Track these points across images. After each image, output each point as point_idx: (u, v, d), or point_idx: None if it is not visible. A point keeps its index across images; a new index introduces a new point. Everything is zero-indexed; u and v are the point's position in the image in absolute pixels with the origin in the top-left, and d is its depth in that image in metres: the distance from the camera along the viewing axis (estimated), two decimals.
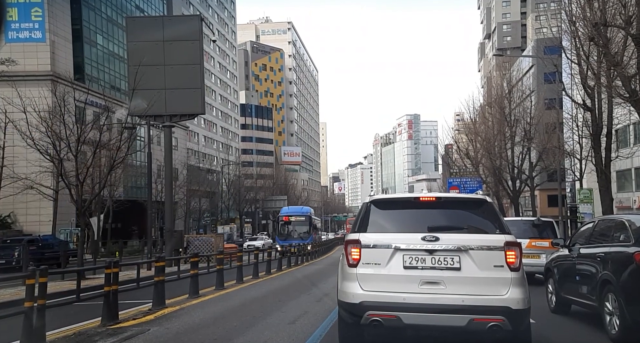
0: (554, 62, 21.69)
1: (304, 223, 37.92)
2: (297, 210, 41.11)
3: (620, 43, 14.94)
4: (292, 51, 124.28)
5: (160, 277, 9.95)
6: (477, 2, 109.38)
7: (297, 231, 37.05)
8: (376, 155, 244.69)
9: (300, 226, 37.54)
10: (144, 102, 21.30)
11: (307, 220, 38.42)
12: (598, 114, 18.62)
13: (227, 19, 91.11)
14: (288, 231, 37.44)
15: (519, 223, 13.90)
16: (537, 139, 32.00)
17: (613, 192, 21.91)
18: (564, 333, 7.67)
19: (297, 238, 34.96)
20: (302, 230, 37.32)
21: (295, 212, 39.71)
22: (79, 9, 44.69)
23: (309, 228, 37.76)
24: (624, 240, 6.96)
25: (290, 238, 35.19)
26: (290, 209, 41.39)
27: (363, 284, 5.39)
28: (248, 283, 15.06)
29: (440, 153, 63.37)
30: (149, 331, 7.58)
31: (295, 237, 35.78)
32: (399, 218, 5.80)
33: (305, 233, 36.96)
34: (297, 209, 41.74)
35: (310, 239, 35.49)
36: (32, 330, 6.46)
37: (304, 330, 7.46)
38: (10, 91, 23.86)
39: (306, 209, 42.08)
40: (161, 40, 24.29)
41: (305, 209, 41.42)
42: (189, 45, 24.74)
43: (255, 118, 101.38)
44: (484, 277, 5.22)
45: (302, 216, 38.62)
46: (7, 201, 30.81)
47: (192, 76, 24.49)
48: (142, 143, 35.79)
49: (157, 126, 32.77)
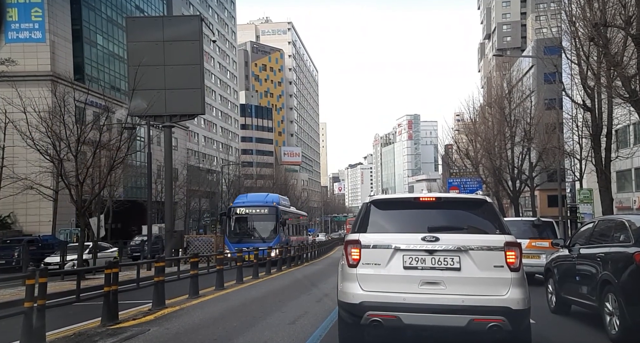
0: (554, 63, 21.69)
1: (267, 218, 26.47)
2: (256, 199, 29.00)
3: (620, 43, 14.94)
4: (292, 51, 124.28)
5: (160, 277, 9.95)
6: (477, 2, 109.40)
7: (257, 230, 26.33)
8: (376, 155, 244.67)
9: (261, 223, 26.50)
10: (144, 102, 21.31)
11: (271, 213, 26.65)
12: (598, 115, 18.62)
13: (227, 19, 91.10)
14: (243, 229, 26.71)
15: (519, 223, 13.90)
16: (537, 139, 32.00)
17: (613, 192, 21.90)
18: (564, 334, 7.67)
19: (257, 240, 24.77)
20: (265, 228, 26.28)
21: (253, 202, 28.02)
22: (79, 9, 44.67)
23: (275, 226, 26.31)
24: (624, 240, 6.96)
25: (246, 240, 25.17)
26: (248, 199, 29.50)
27: (363, 284, 5.39)
28: (248, 283, 15.06)
29: (440, 153, 63.40)
30: (149, 331, 7.58)
31: (253, 239, 25.55)
32: (399, 219, 5.80)
33: (269, 232, 26.06)
34: (257, 199, 29.42)
35: (276, 241, 25.09)
36: (32, 330, 6.46)
37: (304, 330, 7.46)
38: (10, 91, 23.86)
39: (273, 197, 29.83)
40: (161, 41, 24.32)
41: (271, 199, 29.13)
42: (189, 45, 24.77)
43: (255, 118, 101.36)
44: (484, 277, 5.22)
45: (264, 208, 26.99)
46: (7, 201, 30.80)
47: (192, 76, 24.51)
48: (142, 143, 35.76)
49: (157, 126, 32.77)
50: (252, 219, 26.74)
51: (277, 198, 29.81)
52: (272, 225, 26.28)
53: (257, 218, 26.62)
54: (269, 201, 27.97)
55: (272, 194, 32.42)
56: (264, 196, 30.40)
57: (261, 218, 26.54)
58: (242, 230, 26.65)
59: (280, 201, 29.55)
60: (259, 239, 25.12)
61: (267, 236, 25.57)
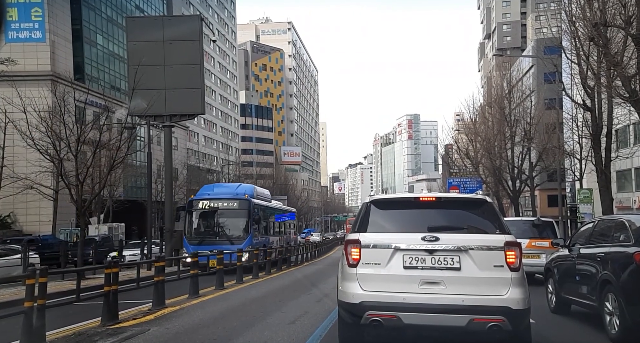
0: (554, 62, 21.69)
1: (237, 214, 21.35)
2: (224, 191, 23.39)
3: (620, 43, 14.95)
4: (292, 51, 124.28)
5: (160, 277, 9.95)
6: (477, 2, 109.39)
7: (223, 229, 21.30)
8: (376, 155, 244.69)
9: (230, 220, 21.38)
10: (144, 102, 21.31)
11: (242, 208, 21.44)
12: (598, 114, 18.63)
13: (227, 19, 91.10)
14: (206, 228, 21.61)
15: (519, 223, 13.90)
16: (537, 139, 32.01)
17: (613, 192, 21.90)
18: (564, 333, 7.68)
19: (223, 242, 20.17)
20: (233, 226, 21.27)
21: (220, 194, 22.52)
22: (79, 9, 44.68)
23: (247, 223, 21.20)
24: (624, 240, 6.96)
25: (209, 241, 20.37)
26: (215, 190, 23.70)
27: (363, 284, 5.39)
28: (248, 283, 15.07)
29: (440, 153, 63.38)
30: (149, 331, 7.58)
31: (218, 239, 20.67)
32: (399, 218, 5.80)
33: (239, 231, 21.15)
34: (226, 190, 23.78)
35: (247, 242, 20.46)
36: (32, 330, 6.46)
37: (304, 330, 7.46)
38: (10, 91, 23.88)
39: (245, 189, 23.95)
40: (161, 40, 24.31)
41: (243, 190, 23.29)
42: (189, 45, 24.76)
43: (255, 118, 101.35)
44: (484, 277, 5.22)
45: (233, 201, 21.60)
46: (7, 201, 30.81)
47: (192, 76, 24.50)
48: (142, 143, 35.77)
49: (157, 126, 32.75)
50: (217, 215, 21.20)
51: (251, 190, 23.82)
52: (243, 222, 21.02)
53: (224, 214, 21.18)
54: (240, 193, 22.15)
55: (245, 185, 26.48)
56: (234, 187, 24.32)
57: (229, 214, 21.17)
58: (204, 228, 21.36)
59: (256, 194, 23.85)
60: (225, 240, 20.28)
61: (237, 236, 20.64)
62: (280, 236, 27.27)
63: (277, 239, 26.04)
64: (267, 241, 23.46)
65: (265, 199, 25.50)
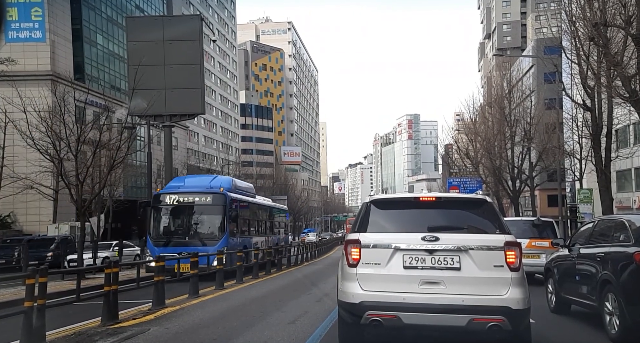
0: (554, 62, 21.69)
1: (210, 210, 18.08)
2: (196, 184, 19.64)
3: (620, 43, 14.94)
4: (292, 50, 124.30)
5: (160, 277, 9.95)
6: (477, 2, 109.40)
7: (194, 228, 18.09)
8: (376, 155, 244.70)
9: (201, 218, 18.17)
10: (144, 102, 21.33)
11: (216, 203, 17.99)
12: (598, 114, 18.63)
13: (227, 19, 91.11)
14: (173, 227, 18.34)
15: (519, 223, 13.90)
16: (537, 139, 32.00)
17: (613, 192, 21.90)
18: (564, 333, 7.68)
19: (193, 242, 17.27)
20: (206, 224, 18.16)
21: (190, 188, 18.92)
22: (79, 8, 44.69)
23: (222, 221, 17.76)
24: (624, 240, 6.96)
25: (176, 243, 17.37)
26: (186, 183, 19.85)
27: (363, 284, 5.39)
28: (248, 283, 15.06)
29: (440, 153, 63.38)
30: (149, 331, 7.58)
31: (187, 240, 17.54)
32: (399, 218, 5.80)
33: (212, 231, 17.89)
34: (198, 183, 19.92)
35: (222, 243, 17.13)
36: (32, 330, 6.46)
37: (304, 330, 7.46)
38: (10, 91, 23.88)
39: (222, 181, 19.87)
40: (161, 40, 24.37)
41: (218, 183, 19.34)
42: (189, 45, 24.82)
43: (255, 118, 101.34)
44: (484, 277, 5.22)
45: (205, 196, 18.22)
46: (7, 201, 30.81)
47: (192, 76, 24.55)
48: (142, 143, 35.77)
49: (157, 125, 32.78)
50: (187, 211, 18.07)
51: (229, 182, 20.05)
52: (217, 220, 17.66)
53: (194, 211, 18.04)
54: (215, 186, 18.51)
55: (222, 177, 22.01)
56: (208, 179, 20.53)
57: (201, 210, 18.02)
58: (171, 227, 18.17)
59: (234, 187, 20.12)
60: (196, 240, 17.33)
61: (210, 236, 17.53)
62: (267, 237, 23.36)
63: (263, 239, 22.39)
64: (249, 241, 20.01)
65: (247, 194, 21.77)
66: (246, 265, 16.70)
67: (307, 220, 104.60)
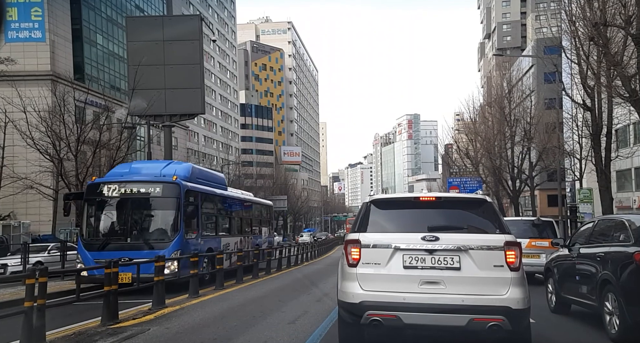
0: (554, 62, 21.70)
1: (159, 205, 14.37)
2: (142, 171, 15.38)
3: (620, 43, 14.96)
4: (292, 50, 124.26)
5: (160, 277, 9.95)
6: (477, 2, 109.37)
7: (139, 228, 14.35)
8: (376, 155, 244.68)
9: (148, 214, 14.54)
10: (143, 102, 21.35)
11: (167, 196, 14.04)
12: (598, 114, 18.64)
13: (227, 19, 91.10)
14: (111, 226, 14.28)
15: (519, 223, 13.91)
16: (537, 139, 32.02)
17: (613, 192, 21.91)
18: (564, 333, 7.68)
19: (137, 246, 13.64)
20: (154, 223, 14.47)
21: (134, 176, 14.77)
22: (79, 8, 44.67)
23: (176, 219, 13.91)
24: (624, 239, 6.96)
25: (115, 246, 13.56)
26: (131, 170, 15.63)
27: (363, 284, 5.39)
28: (248, 283, 15.06)
29: (440, 152, 63.39)
30: (149, 331, 7.58)
31: (129, 243, 13.79)
32: (399, 218, 5.80)
33: (163, 231, 14.11)
34: (145, 170, 15.57)
35: (174, 247, 13.57)
36: (32, 330, 6.46)
37: (304, 330, 7.46)
38: (10, 91, 23.91)
39: (176, 168, 15.44)
40: (161, 40, 24.34)
41: (172, 170, 15.02)
42: (189, 45, 24.80)
43: (255, 118, 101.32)
44: (484, 277, 5.22)
45: (153, 186, 14.20)
46: (7, 201, 30.79)
47: (192, 76, 24.54)
48: (142, 143, 35.76)
49: (157, 125, 32.76)
50: (129, 206, 14.00)
51: (186, 170, 15.52)
52: (168, 217, 13.91)
53: (138, 205, 14.10)
54: (167, 175, 14.39)
55: (179, 163, 17.50)
56: (160, 165, 15.91)
57: (147, 204, 14.19)
58: (109, 226, 14.11)
59: (193, 176, 15.67)
60: (141, 243, 13.61)
61: (158, 237, 13.79)
62: (244, 237, 19.47)
63: (238, 240, 18.52)
64: (217, 243, 16.20)
65: (214, 185, 17.35)
66: (210, 271, 14.17)
67: (307, 220, 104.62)
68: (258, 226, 22.43)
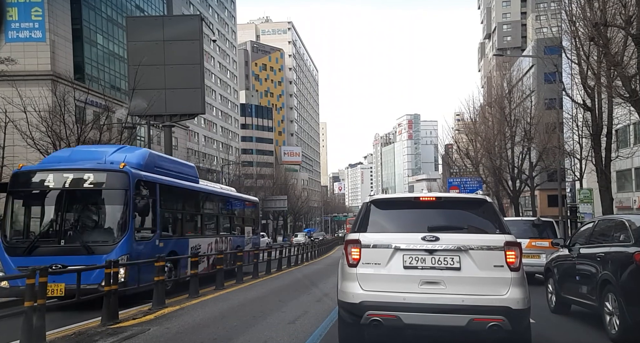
0: (554, 62, 21.70)
1: (103, 198, 11.21)
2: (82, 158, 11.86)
3: (620, 43, 14.96)
4: (292, 50, 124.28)
5: (160, 277, 9.95)
6: (477, 2, 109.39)
7: (74, 227, 10.93)
8: (376, 155, 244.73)
9: (87, 208, 11.44)
10: (144, 102, 21.36)
11: (112, 187, 10.95)
12: (598, 114, 18.64)
13: (227, 19, 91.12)
14: (41, 224, 11.12)
15: (519, 223, 13.91)
16: (537, 139, 32.01)
17: (613, 192, 21.91)
18: (564, 333, 7.68)
19: (73, 250, 10.40)
20: (94, 219, 11.44)
21: (73, 163, 11.36)
22: (79, 8, 44.70)
23: (124, 215, 10.75)
24: (624, 240, 6.97)
25: (45, 250, 10.46)
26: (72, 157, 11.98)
27: (363, 284, 5.39)
28: (248, 283, 15.05)
29: (440, 152, 63.38)
30: (149, 331, 7.59)
31: (64, 245, 10.51)
32: (399, 218, 5.81)
33: (105, 230, 11.07)
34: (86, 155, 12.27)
35: (120, 250, 10.40)
36: (32, 330, 6.46)
37: (304, 330, 7.46)
38: (11, 91, 23.89)
39: (126, 154, 12.10)
40: (161, 40, 24.37)
41: (121, 157, 11.73)
42: (189, 45, 24.83)
43: (255, 118, 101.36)
44: (484, 277, 5.23)
45: (95, 175, 10.90)
46: None
47: (192, 76, 24.56)
48: (142, 143, 35.78)
49: (157, 125, 32.77)
50: (64, 200, 11.05)
51: (141, 157, 12.49)
52: (114, 214, 11.09)
53: (76, 198, 11.25)
54: (115, 161, 11.54)
55: (131, 149, 13.93)
56: (107, 150, 12.74)
57: (87, 198, 11.40)
58: (39, 225, 11.32)
59: (151, 164, 12.76)
60: (77, 246, 10.62)
61: (100, 239, 10.90)
62: (221, 238, 16.71)
63: (212, 242, 15.90)
64: (183, 245, 13.46)
65: (180, 176, 14.36)
66: (174, 279, 12.06)
67: (307, 220, 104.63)
68: (240, 225, 19.57)
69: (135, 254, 10.81)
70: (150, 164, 12.57)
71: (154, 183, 12.02)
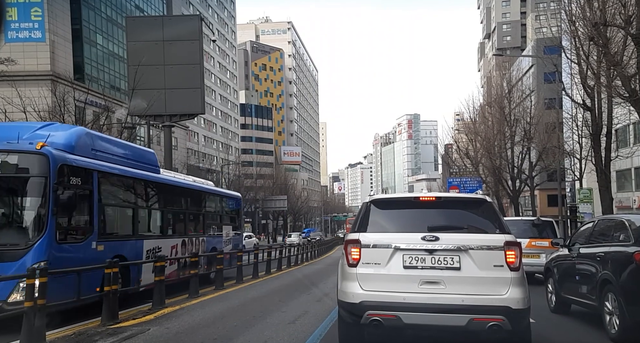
0: (554, 62, 21.69)
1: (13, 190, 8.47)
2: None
3: (620, 43, 14.94)
4: (292, 50, 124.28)
5: (160, 277, 9.94)
6: (477, 2, 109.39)
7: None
8: (376, 155, 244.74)
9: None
10: (143, 102, 21.37)
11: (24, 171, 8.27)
12: (598, 114, 18.64)
13: (227, 19, 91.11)
14: None
15: (519, 222, 13.91)
16: (537, 139, 32.00)
17: (613, 192, 21.90)
18: (564, 333, 7.68)
19: None
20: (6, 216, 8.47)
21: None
22: (78, 8, 44.68)
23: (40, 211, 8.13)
24: (623, 239, 6.97)
25: None
26: None
27: (363, 284, 5.39)
28: (248, 283, 15.05)
29: (440, 152, 63.37)
30: (149, 331, 7.58)
31: None
32: (399, 218, 5.81)
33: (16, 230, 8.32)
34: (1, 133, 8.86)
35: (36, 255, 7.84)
36: (32, 330, 6.46)
37: (304, 330, 7.47)
38: (10, 91, 23.88)
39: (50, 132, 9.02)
40: (161, 40, 24.38)
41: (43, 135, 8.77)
42: (189, 45, 24.84)
43: (255, 118, 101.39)
44: (484, 277, 5.23)
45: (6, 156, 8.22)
46: None
47: (192, 76, 24.57)
48: (142, 143, 35.78)
49: (157, 125, 32.76)
50: None
51: (71, 137, 9.38)
52: (28, 208, 8.48)
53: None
54: (33, 140, 8.62)
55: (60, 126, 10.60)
56: (29, 127, 9.71)
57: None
58: None
59: (84, 145, 9.67)
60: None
61: (8, 241, 8.19)
62: (189, 238, 14.04)
63: (178, 243, 13.30)
64: (134, 248, 11.01)
65: (132, 163, 11.51)
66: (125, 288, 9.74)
67: (307, 220, 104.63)
68: (216, 224, 16.94)
69: (58, 260, 8.19)
70: (84, 147, 9.67)
71: (89, 170, 9.40)
